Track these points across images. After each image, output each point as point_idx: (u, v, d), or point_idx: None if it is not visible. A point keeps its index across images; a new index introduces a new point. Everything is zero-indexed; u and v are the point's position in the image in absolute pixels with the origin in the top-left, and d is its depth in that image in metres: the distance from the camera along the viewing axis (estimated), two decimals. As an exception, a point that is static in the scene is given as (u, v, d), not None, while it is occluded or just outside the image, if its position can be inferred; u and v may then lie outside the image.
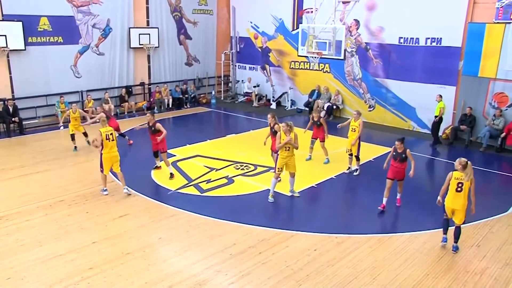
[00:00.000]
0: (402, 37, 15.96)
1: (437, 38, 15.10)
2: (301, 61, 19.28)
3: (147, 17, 18.70)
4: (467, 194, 7.29)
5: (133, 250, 7.37)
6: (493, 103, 13.95)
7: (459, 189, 7.28)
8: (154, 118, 10.87)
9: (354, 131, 11.07)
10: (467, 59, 14.35)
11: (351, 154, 11.30)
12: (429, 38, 15.30)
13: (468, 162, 7.30)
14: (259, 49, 21.02)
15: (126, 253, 7.29)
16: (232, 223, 8.40)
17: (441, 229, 7.71)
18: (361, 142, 11.25)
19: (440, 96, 14.05)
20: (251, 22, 20.95)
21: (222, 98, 21.63)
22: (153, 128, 10.73)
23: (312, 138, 12.15)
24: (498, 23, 13.49)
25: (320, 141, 11.93)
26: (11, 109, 14.56)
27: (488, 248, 7.70)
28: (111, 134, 9.42)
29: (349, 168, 11.47)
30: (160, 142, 10.56)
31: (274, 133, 10.36)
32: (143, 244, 7.60)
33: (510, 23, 13.24)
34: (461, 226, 7.45)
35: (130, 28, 17.93)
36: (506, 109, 13.74)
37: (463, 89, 14.62)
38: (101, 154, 9.42)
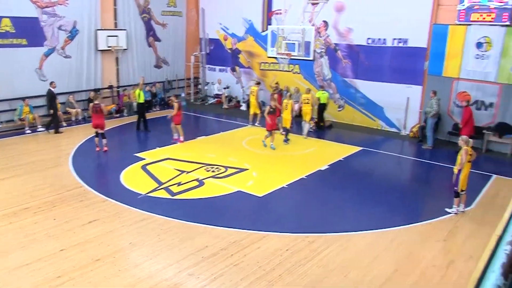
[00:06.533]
0: (370, 38, 16.26)
1: (404, 39, 15.46)
2: (271, 62, 19.36)
3: (115, 19, 18.40)
4: None
5: (103, 256, 7.24)
6: (457, 102, 14.38)
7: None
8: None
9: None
10: (432, 59, 14.75)
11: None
12: (396, 39, 15.64)
13: None
14: (229, 51, 21.00)
15: (95, 259, 7.15)
16: (204, 226, 8.37)
17: (407, 226, 7.96)
18: (334, 142, 11.37)
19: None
20: (220, 24, 20.92)
21: (192, 100, 21.48)
22: None
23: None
24: (460, 24, 13.93)
25: None
26: None
27: (453, 243, 7.95)
28: None
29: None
30: None
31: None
32: (113, 250, 7.48)
33: (470, 24, 13.70)
34: (431, 221, 7.63)
35: (97, 30, 17.60)
36: (466, 105, 13.93)
37: (429, 89, 14.99)
38: None
